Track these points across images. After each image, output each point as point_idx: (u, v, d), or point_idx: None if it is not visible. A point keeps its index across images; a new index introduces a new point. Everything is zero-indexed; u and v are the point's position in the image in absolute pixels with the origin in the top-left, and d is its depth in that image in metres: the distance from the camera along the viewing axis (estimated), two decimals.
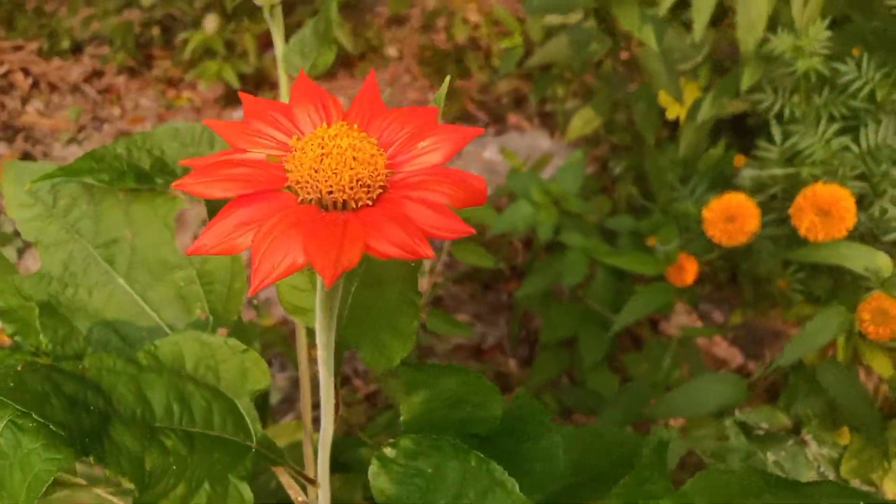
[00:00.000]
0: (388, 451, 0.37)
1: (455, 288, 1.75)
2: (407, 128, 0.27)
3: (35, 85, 2.60)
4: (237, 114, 2.59)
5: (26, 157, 2.25)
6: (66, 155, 2.33)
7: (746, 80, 0.85)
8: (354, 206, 0.24)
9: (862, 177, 0.79)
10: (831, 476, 0.63)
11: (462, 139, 0.27)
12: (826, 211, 0.67)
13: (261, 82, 2.54)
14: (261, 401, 0.50)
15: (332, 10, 0.54)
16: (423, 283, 1.77)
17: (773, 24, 0.86)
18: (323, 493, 0.43)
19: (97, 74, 2.77)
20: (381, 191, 0.25)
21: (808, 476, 0.65)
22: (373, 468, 0.37)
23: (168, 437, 0.36)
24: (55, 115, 2.48)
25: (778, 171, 0.79)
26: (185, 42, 2.24)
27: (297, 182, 0.25)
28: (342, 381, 1.44)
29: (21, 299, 0.49)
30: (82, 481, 0.56)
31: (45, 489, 0.31)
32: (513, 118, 2.34)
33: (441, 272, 1.83)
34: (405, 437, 0.37)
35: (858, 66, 0.79)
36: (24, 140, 2.30)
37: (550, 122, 2.21)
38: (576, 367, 1.26)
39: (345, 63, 2.78)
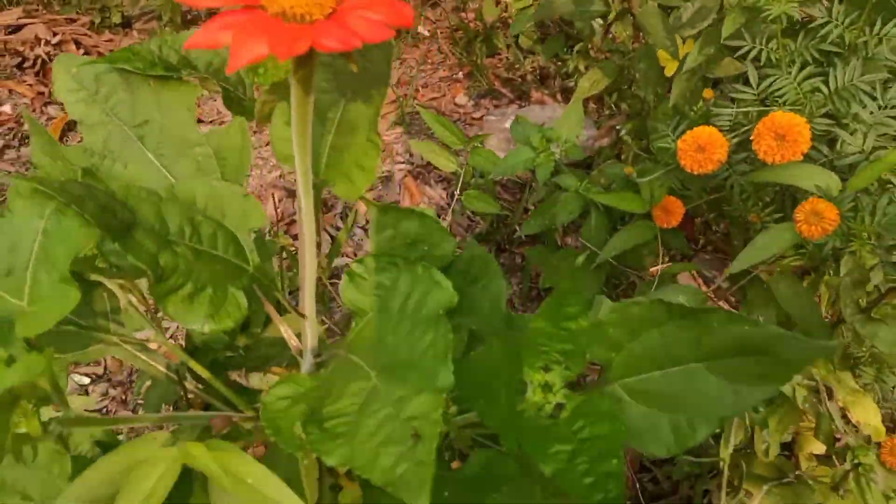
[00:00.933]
0: (356, 267, 0.46)
1: None
2: None
3: (87, 55, 2.74)
4: None
5: (72, 123, 2.39)
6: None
7: (728, 28, 0.92)
8: (310, 19, 0.33)
9: (829, 115, 0.85)
10: None
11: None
12: (782, 136, 0.74)
13: None
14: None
15: None
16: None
17: None
18: (310, 324, 0.52)
19: None
20: (331, 10, 0.34)
21: None
22: (343, 281, 0.46)
23: (179, 247, 0.46)
24: None
25: (752, 110, 0.86)
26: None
27: (268, 0, 0.33)
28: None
29: (65, 166, 0.59)
30: (114, 338, 0.66)
31: (76, 254, 0.40)
32: (536, 94, 2.42)
33: (457, 234, 1.91)
34: (369, 256, 0.46)
35: (829, 11, 0.86)
36: None
37: (571, 96, 2.27)
38: None
39: None
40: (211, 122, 2.50)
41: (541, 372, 0.48)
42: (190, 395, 0.77)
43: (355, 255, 1.78)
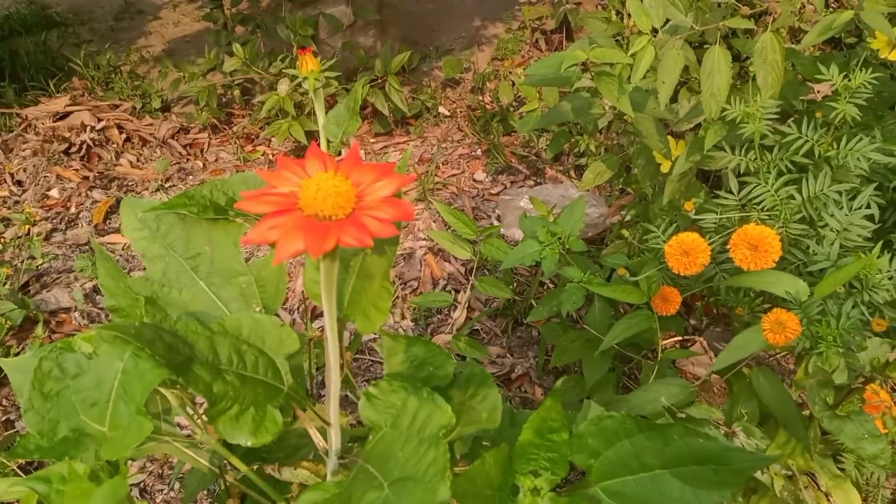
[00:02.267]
0: (372, 390, 0.55)
1: (489, 323, 1.92)
2: (373, 174, 0.46)
3: (128, 139, 2.93)
4: None
5: (119, 203, 2.54)
6: (154, 201, 2.61)
7: (709, 141, 1.02)
8: (335, 218, 0.43)
9: (803, 220, 0.94)
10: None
11: (402, 183, 0.46)
12: (755, 246, 0.83)
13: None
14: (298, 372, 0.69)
15: (359, 93, 0.74)
16: (460, 317, 1.95)
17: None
18: (335, 430, 0.61)
19: (183, 131, 3.10)
20: (351, 210, 0.44)
21: None
22: (361, 402, 0.56)
23: (228, 375, 0.56)
24: (145, 166, 2.79)
25: (734, 215, 0.96)
26: (262, 103, 2.52)
27: (304, 205, 0.44)
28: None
29: (131, 297, 0.70)
30: (166, 437, 0.76)
31: (148, 395, 0.50)
32: (550, 171, 2.53)
33: (476, 308, 2.01)
34: (383, 380, 0.55)
35: (799, 128, 0.95)
36: (117, 188, 2.61)
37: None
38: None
39: (401, 122, 3.03)
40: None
41: (530, 477, 0.56)
42: (228, 484, 0.87)
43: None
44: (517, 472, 0.56)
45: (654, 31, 0.99)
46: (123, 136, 2.93)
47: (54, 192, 2.55)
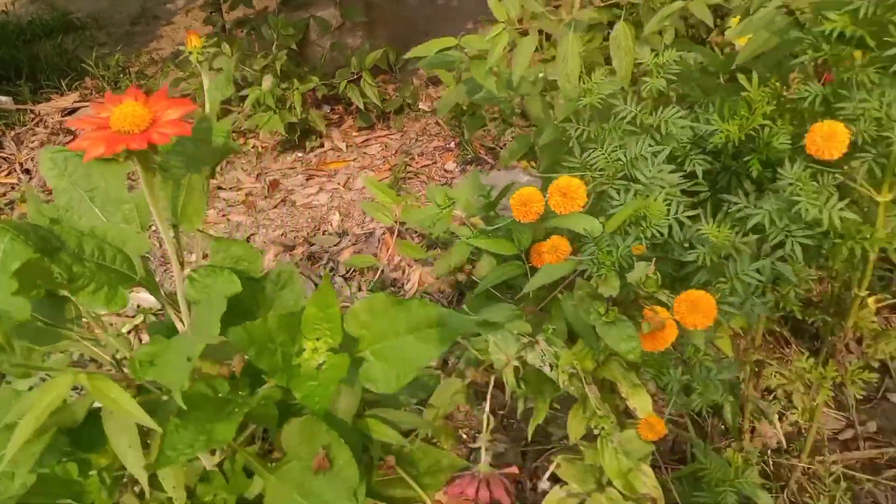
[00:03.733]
0: (193, 275, 0.75)
1: (437, 295, 2.11)
2: (166, 104, 0.66)
3: None
4: (290, 157, 3.07)
5: None
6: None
7: (561, 115, 1.20)
8: (132, 132, 0.63)
9: (625, 177, 1.12)
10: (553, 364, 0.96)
11: (187, 109, 0.65)
12: (565, 193, 1.01)
13: (307, 130, 3.01)
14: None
15: (231, 67, 0.93)
16: (412, 290, 2.13)
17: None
18: (183, 306, 0.80)
19: None
20: (145, 127, 0.63)
21: (543, 367, 0.98)
22: (186, 284, 0.75)
23: (88, 262, 0.76)
24: None
25: (577, 175, 1.13)
26: (245, 97, 2.74)
27: (112, 124, 0.63)
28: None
29: (43, 220, 0.90)
30: (75, 335, 0.96)
31: (20, 262, 0.70)
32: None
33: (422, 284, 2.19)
34: (201, 268, 0.75)
35: (625, 101, 1.13)
36: None
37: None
38: None
39: (382, 117, 3.23)
40: (231, 188, 2.87)
41: (314, 341, 0.75)
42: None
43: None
44: (305, 337, 0.75)
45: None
46: None
47: None
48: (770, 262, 1.00)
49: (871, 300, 1.14)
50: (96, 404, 0.82)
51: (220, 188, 2.82)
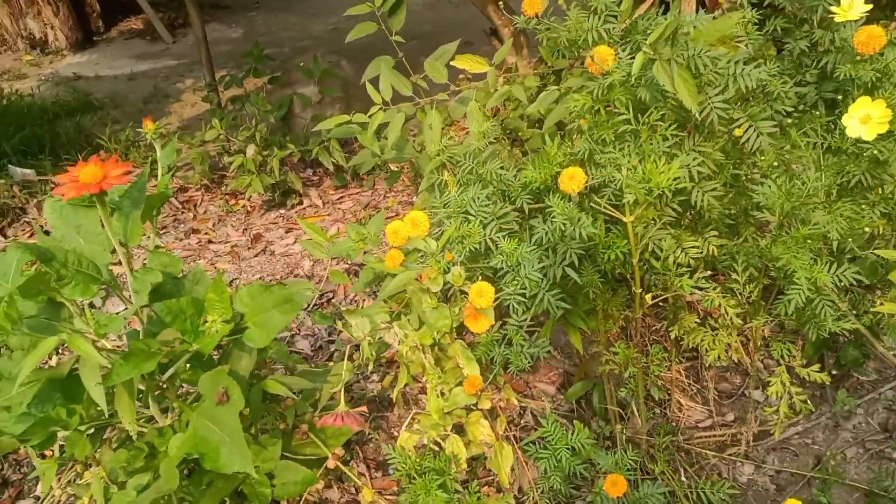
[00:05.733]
0: (136, 275, 1.17)
1: None
2: (114, 166, 1.09)
3: None
4: (274, 214, 3.52)
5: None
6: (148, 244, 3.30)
7: (427, 169, 1.63)
8: (91, 182, 1.06)
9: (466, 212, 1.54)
10: None
11: (127, 169, 1.08)
12: (414, 223, 1.43)
13: (287, 190, 3.47)
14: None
15: (173, 145, 1.38)
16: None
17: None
18: (133, 297, 1.23)
19: (182, 190, 3.81)
20: (100, 180, 1.06)
21: (393, 343, 1.38)
22: (131, 278, 1.18)
23: (69, 268, 1.19)
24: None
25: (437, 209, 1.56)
26: (231, 162, 3.22)
27: (80, 179, 1.07)
28: None
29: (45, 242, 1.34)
30: (68, 331, 1.39)
31: (23, 266, 1.14)
32: None
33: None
34: (140, 268, 1.17)
35: (465, 157, 1.56)
36: None
37: None
38: None
39: (356, 176, 3.69)
40: (220, 241, 3.32)
41: (214, 314, 1.17)
42: None
43: None
44: (208, 313, 1.17)
45: (385, 102, 1.62)
46: None
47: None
48: (561, 267, 1.41)
49: (647, 296, 1.53)
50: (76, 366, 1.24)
51: (210, 242, 3.28)
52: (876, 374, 2.11)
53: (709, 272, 1.72)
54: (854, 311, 1.91)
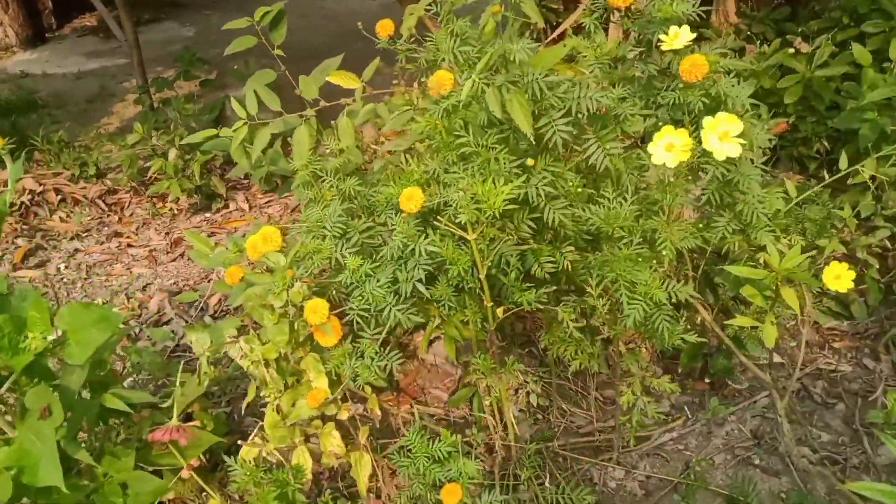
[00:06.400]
0: None
1: None
2: None
3: (63, 200, 3.65)
4: (199, 218, 3.53)
5: (38, 248, 3.24)
6: (69, 248, 3.30)
7: (297, 182, 1.66)
8: None
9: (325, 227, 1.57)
10: None
11: None
12: (265, 237, 1.46)
13: (211, 194, 3.48)
14: None
15: (20, 162, 1.40)
16: None
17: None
18: None
19: (111, 192, 3.81)
20: None
21: (237, 358, 1.41)
22: None
23: None
24: (70, 221, 3.50)
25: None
26: (150, 166, 3.23)
27: None
28: None
29: None
30: None
31: None
32: None
33: None
34: None
35: (327, 173, 1.59)
36: (41, 238, 3.31)
37: None
38: None
39: (285, 180, 3.71)
40: (140, 245, 3.33)
41: (35, 331, 1.19)
42: None
43: None
44: (31, 332, 1.19)
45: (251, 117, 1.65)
46: (59, 197, 3.65)
47: None
48: (413, 283, 1.45)
49: (499, 310, 1.58)
50: None
51: (130, 245, 3.28)
52: (752, 382, 2.17)
53: (571, 286, 1.78)
54: (696, 326, 1.98)
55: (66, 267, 3.12)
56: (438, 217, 1.42)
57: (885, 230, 2.25)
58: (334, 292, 1.54)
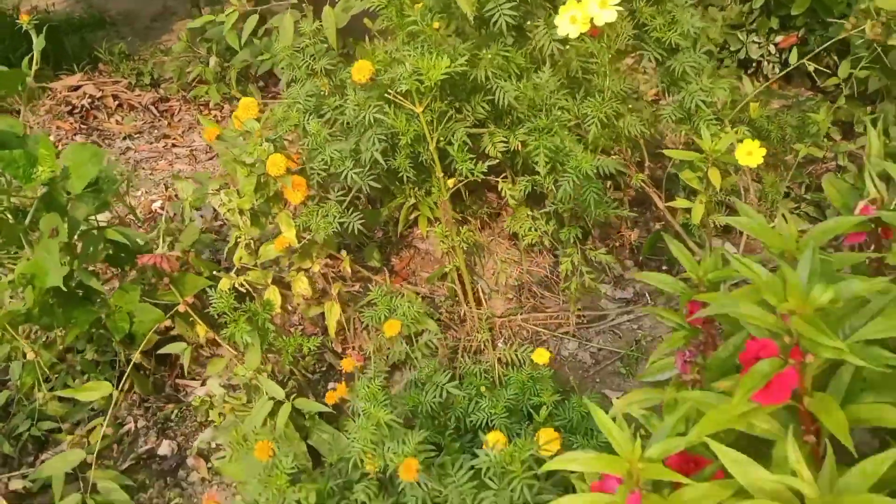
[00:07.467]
0: None
1: None
2: None
3: (119, 105, 3.99)
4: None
5: (95, 145, 3.59)
6: (122, 146, 3.64)
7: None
8: None
9: None
10: None
11: None
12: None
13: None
14: None
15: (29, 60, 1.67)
16: None
17: None
18: None
19: (163, 100, 4.12)
20: None
21: None
22: None
23: None
24: (124, 123, 3.84)
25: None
26: (190, 72, 3.51)
27: None
28: None
29: None
30: None
31: None
32: None
33: None
34: None
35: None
36: (97, 136, 3.66)
37: None
38: None
39: None
40: (183, 146, 3.64)
41: (44, 165, 1.47)
42: None
43: None
44: (41, 166, 1.47)
45: None
46: (116, 102, 3.99)
47: (52, 138, 3.63)
48: (371, 151, 1.67)
49: (450, 181, 1.78)
50: None
51: (175, 146, 3.60)
52: None
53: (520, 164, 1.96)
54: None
55: (117, 160, 3.46)
56: (390, 90, 1.62)
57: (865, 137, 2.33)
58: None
